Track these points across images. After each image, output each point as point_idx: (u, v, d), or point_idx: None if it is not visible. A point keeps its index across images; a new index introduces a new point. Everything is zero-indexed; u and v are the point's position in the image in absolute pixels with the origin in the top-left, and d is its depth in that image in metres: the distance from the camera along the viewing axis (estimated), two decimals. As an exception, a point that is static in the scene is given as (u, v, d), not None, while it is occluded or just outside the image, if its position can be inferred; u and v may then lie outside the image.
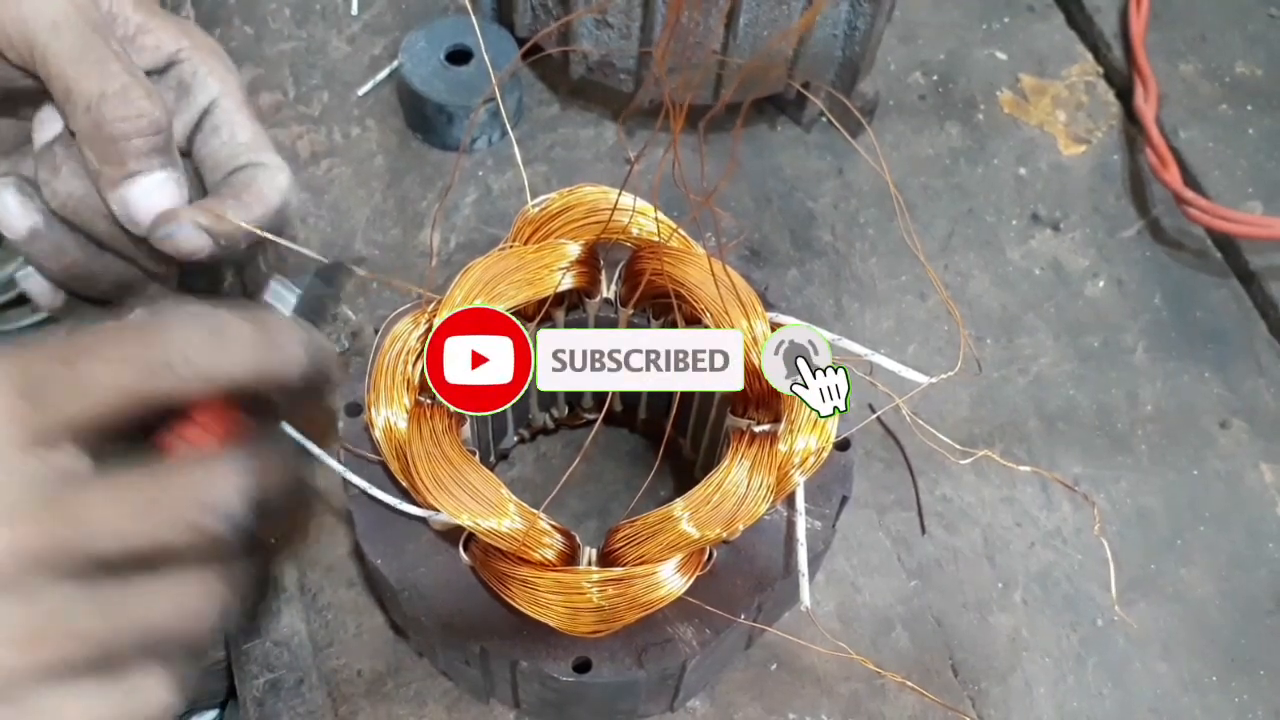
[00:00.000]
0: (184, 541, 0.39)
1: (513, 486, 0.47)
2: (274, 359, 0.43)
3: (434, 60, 0.70)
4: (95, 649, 0.38)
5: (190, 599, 0.40)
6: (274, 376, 0.43)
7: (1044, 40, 0.82)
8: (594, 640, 0.46)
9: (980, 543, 0.60)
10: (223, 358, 0.40)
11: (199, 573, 0.40)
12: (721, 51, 0.66)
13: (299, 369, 0.44)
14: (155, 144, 0.47)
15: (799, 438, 0.49)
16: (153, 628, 0.39)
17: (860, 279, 0.69)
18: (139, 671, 0.39)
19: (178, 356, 0.39)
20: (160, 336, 0.39)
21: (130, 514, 0.38)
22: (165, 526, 0.39)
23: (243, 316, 0.42)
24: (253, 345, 0.42)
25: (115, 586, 0.38)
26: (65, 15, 0.46)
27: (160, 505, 0.39)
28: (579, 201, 0.52)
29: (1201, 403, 0.67)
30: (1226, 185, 0.74)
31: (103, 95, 0.45)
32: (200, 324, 0.40)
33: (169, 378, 0.39)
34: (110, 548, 0.38)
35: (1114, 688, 0.57)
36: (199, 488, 0.39)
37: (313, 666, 0.54)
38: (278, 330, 0.43)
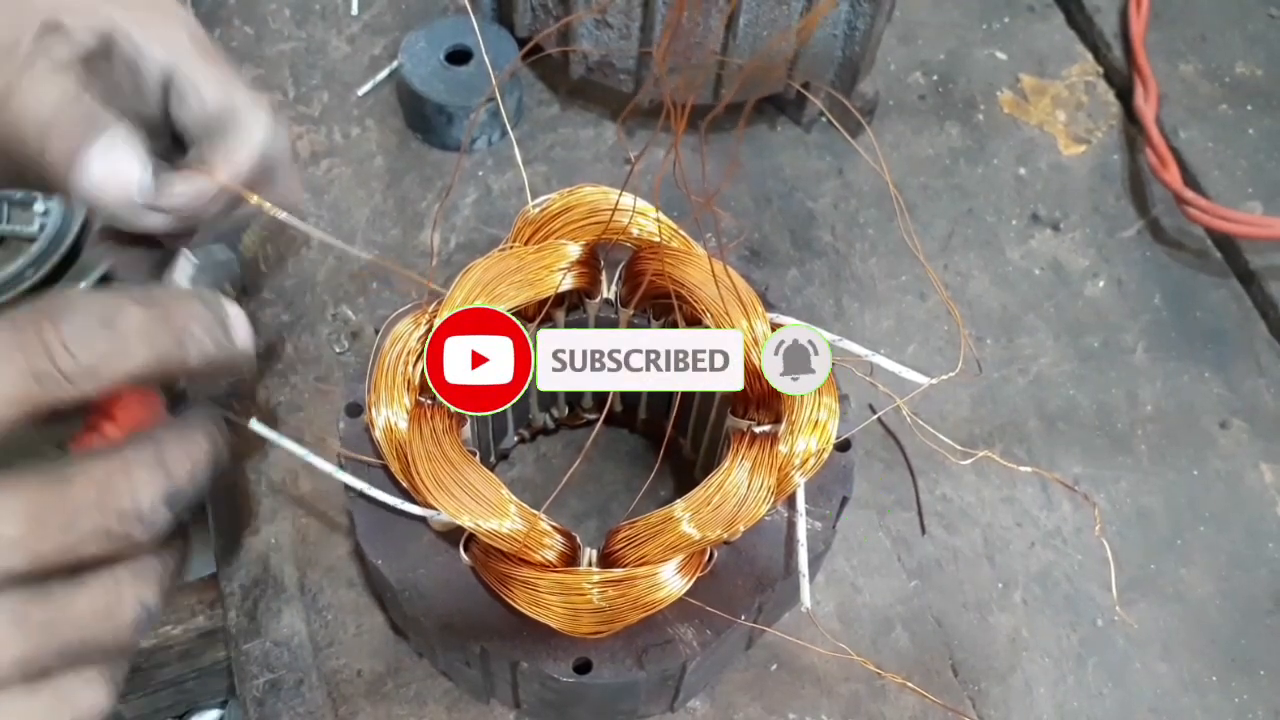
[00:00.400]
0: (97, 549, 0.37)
1: (513, 487, 0.47)
2: (173, 346, 0.40)
3: (434, 60, 0.70)
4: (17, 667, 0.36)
5: (110, 602, 0.38)
6: (175, 364, 0.40)
7: (1044, 40, 0.82)
8: (594, 641, 0.46)
9: (980, 543, 0.61)
10: (118, 355, 0.38)
11: (115, 574, 0.38)
12: (721, 51, 0.66)
13: (200, 352, 0.41)
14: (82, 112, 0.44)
15: (799, 439, 0.49)
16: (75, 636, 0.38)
17: (860, 279, 0.69)
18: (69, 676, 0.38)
19: (68, 361, 0.36)
20: (48, 338, 0.36)
21: (36, 527, 0.36)
22: (75, 537, 0.37)
23: (136, 300, 0.39)
24: (148, 335, 0.39)
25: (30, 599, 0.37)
26: None
27: (67, 515, 0.37)
28: (579, 202, 0.52)
29: (1201, 403, 0.67)
30: (1226, 185, 0.74)
31: None
32: (91, 318, 0.37)
33: (62, 385, 0.37)
34: (18, 565, 0.36)
35: (1114, 688, 0.57)
36: (114, 496, 0.37)
37: (313, 666, 0.54)
38: (177, 312, 0.40)
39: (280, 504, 0.59)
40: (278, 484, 0.59)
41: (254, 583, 0.57)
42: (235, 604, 0.56)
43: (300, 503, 0.59)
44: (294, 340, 0.64)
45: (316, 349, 0.64)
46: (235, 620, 0.56)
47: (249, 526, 0.58)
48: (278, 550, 0.57)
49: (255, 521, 0.58)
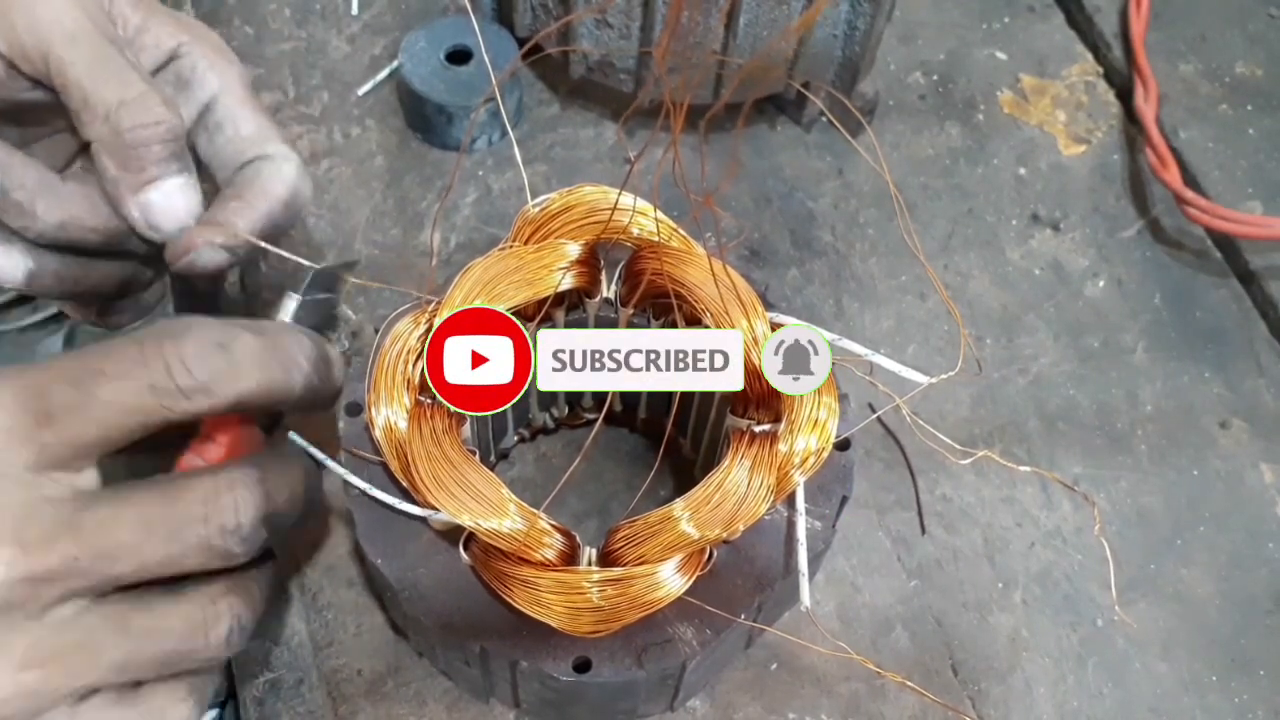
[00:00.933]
0: (198, 561, 0.40)
1: (513, 486, 0.47)
2: (281, 374, 0.43)
3: (434, 60, 0.70)
4: (114, 671, 0.38)
5: (205, 617, 0.40)
6: (282, 391, 0.43)
7: (1044, 40, 0.82)
8: (594, 640, 0.46)
9: (980, 543, 0.60)
10: (231, 376, 0.41)
11: (212, 589, 0.41)
12: (721, 51, 0.66)
13: (305, 382, 0.44)
14: (173, 150, 0.47)
15: (799, 438, 0.49)
16: (171, 647, 0.39)
17: (860, 279, 0.69)
18: (158, 689, 0.40)
19: (186, 378, 0.39)
20: (169, 357, 0.39)
21: (145, 536, 0.38)
22: (179, 547, 0.39)
23: (250, 330, 0.42)
24: (260, 361, 0.42)
25: (133, 607, 0.39)
26: (81, 26, 0.46)
27: (174, 526, 0.39)
28: (579, 201, 0.52)
29: (1201, 403, 0.67)
30: (1226, 185, 0.74)
31: (122, 103, 0.46)
32: (208, 341, 0.40)
33: (178, 399, 0.39)
34: (126, 571, 0.38)
35: (1114, 688, 0.57)
36: (211, 507, 0.40)
37: (313, 666, 0.54)
38: (285, 344, 0.44)
39: (280, 504, 0.59)
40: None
41: (254, 582, 0.57)
42: (235, 603, 0.56)
43: (300, 502, 0.59)
44: (294, 340, 0.64)
45: (316, 349, 0.64)
46: (235, 620, 0.56)
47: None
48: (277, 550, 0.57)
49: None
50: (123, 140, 0.46)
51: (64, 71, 0.46)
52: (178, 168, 0.48)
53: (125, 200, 0.47)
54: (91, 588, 0.38)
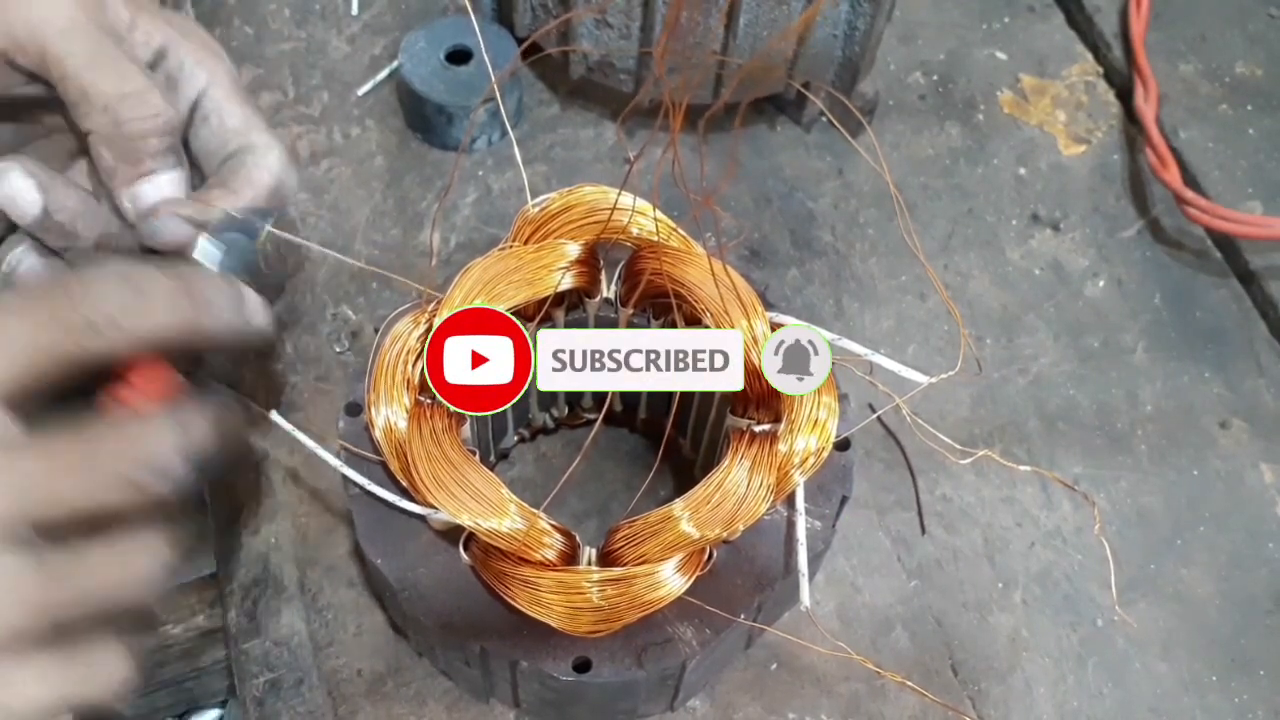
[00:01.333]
0: (124, 501, 0.39)
1: (513, 486, 0.47)
2: (199, 315, 0.42)
3: (434, 60, 0.70)
4: (45, 620, 0.38)
5: (136, 562, 0.40)
6: (201, 333, 0.43)
7: (1044, 40, 0.82)
8: (594, 640, 0.46)
9: (980, 543, 0.60)
10: (145, 314, 0.40)
11: (142, 534, 0.40)
12: (721, 51, 0.66)
13: (227, 325, 0.44)
14: (169, 143, 0.48)
15: (799, 438, 0.49)
16: (101, 594, 0.39)
17: (860, 279, 0.69)
18: (94, 643, 0.39)
19: (98, 314, 0.39)
20: (79, 294, 0.39)
21: (67, 476, 0.38)
22: (104, 487, 0.38)
23: (165, 272, 0.42)
24: (176, 301, 0.41)
25: (60, 554, 0.38)
26: (75, 20, 0.46)
27: (97, 465, 0.38)
28: (579, 201, 0.52)
29: (1201, 403, 0.67)
30: (1226, 185, 0.74)
31: (121, 95, 0.46)
32: (121, 280, 0.40)
33: (90, 336, 0.39)
34: (49, 513, 0.38)
35: (1114, 688, 0.57)
36: (135, 445, 0.39)
37: (313, 666, 0.54)
38: (202, 286, 0.43)
39: (280, 504, 0.59)
40: (277, 484, 0.59)
41: (254, 582, 0.57)
42: (235, 604, 0.56)
43: (300, 503, 0.59)
44: (294, 340, 0.64)
45: (316, 349, 0.64)
46: (235, 620, 0.56)
47: (249, 526, 0.58)
48: (278, 550, 0.57)
49: (255, 521, 0.58)
50: (121, 132, 0.46)
51: (61, 64, 0.46)
52: (173, 161, 0.48)
53: (119, 191, 0.48)
54: (13, 532, 0.37)
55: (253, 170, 0.50)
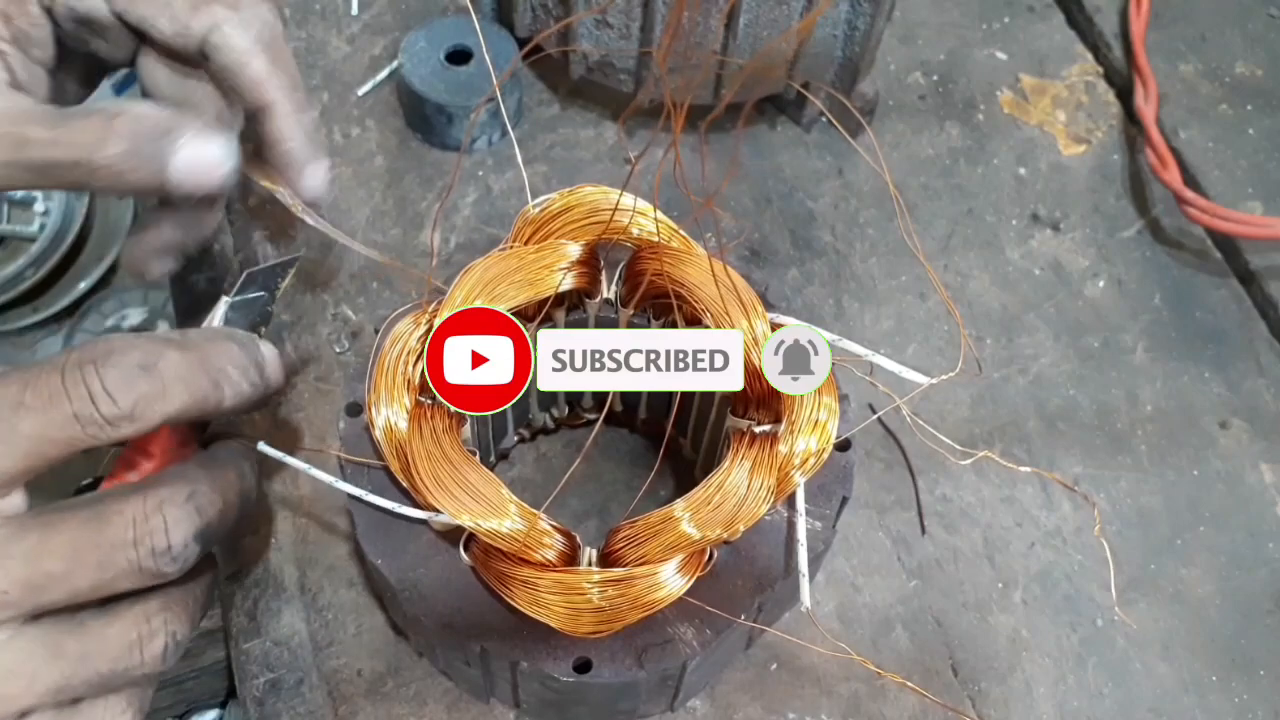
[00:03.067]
0: (130, 584, 0.39)
1: (513, 486, 0.47)
2: (209, 388, 0.41)
3: (434, 60, 0.70)
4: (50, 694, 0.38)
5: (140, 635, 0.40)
6: (210, 405, 0.42)
7: (1044, 40, 0.82)
8: (594, 640, 0.46)
9: (980, 543, 0.61)
10: (156, 399, 0.39)
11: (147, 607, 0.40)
12: (721, 52, 0.66)
13: (234, 392, 0.43)
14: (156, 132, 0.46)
15: (799, 438, 0.49)
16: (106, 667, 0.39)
17: (860, 279, 0.69)
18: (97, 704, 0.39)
19: (110, 407, 0.38)
20: (91, 385, 0.38)
21: (74, 564, 0.37)
22: (110, 573, 0.38)
23: (175, 346, 0.41)
24: (186, 379, 0.40)
25: (66, 630, 0.38)
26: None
27: (103, 552, 0.38)
28: (579, 202, 0.52)
29: (1201, 403, 0.67)
30: (1226, 185, 0.74)
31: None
32: (130, 365, 0.39)
33: (103, 428, 0.38)
34: (56, 599, 0.37)
35: (1114, 688, 0.57)
36: (140, 530, 0.38)
37: (313, 666, 0.54)
38: (211, 355, 0.42)
39: (280, 504, 0.59)
40: (278, 484, 0.59)
41: (254, 583, 0.57)
42: (235, 604, 0.56)
43: (300, 503, 0.59)
44: (294, 340, 0.64)
45: (316, 349, 0.64)
46: (235, 620, 0.56)
47: (249, 526, 0.58)
48: (278, 550, 0.57)
49: (255, 521, 0.58)
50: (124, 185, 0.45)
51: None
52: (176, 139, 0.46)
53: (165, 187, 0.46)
54: (22, 615, 0.37)
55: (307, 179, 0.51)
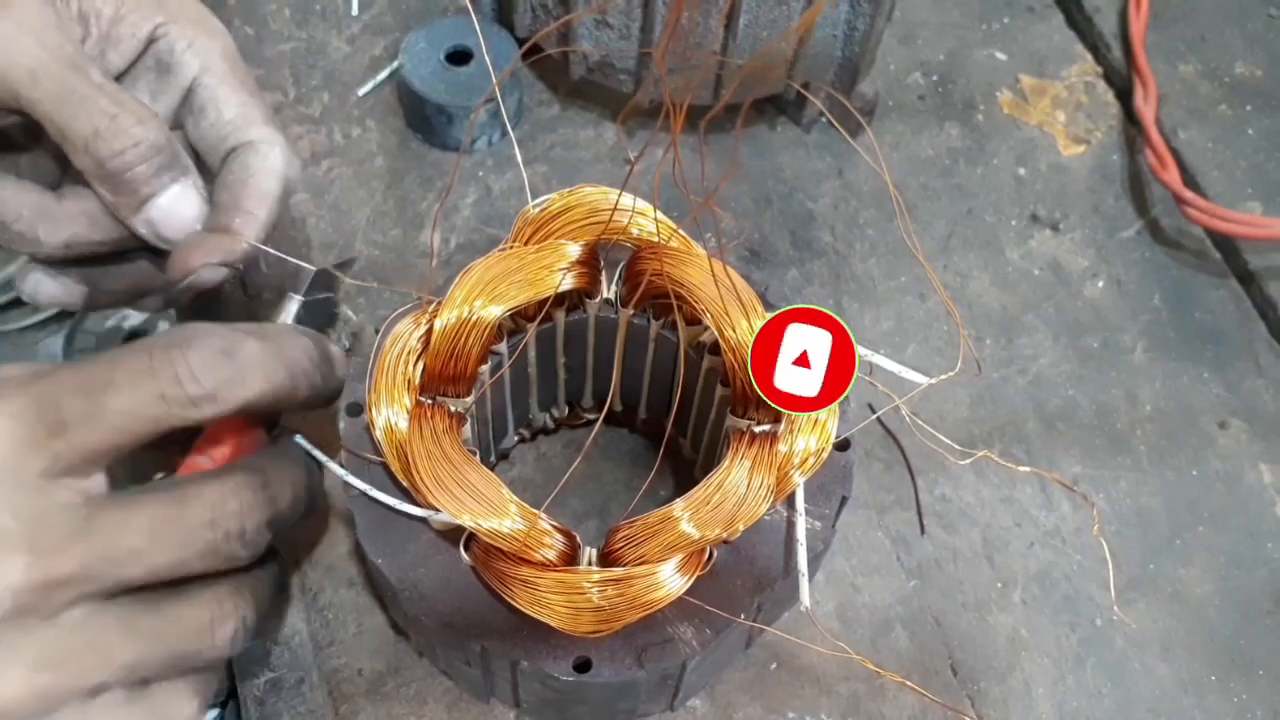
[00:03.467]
0: (205, 565, 0.40)
1: (513, 486, 0.47)
2: (285, 378, 0.43)
3: (434, 61, 0.70)
4: (124, 671, 0.39)
5: (212, 618, 0.41)
6: (286, 394, 0.43)
7: (1044, 40, 0.82)
8: (594, 640, 0.46)
9: (980, 543, 0.61)
10: (237, 383, 0.41)
11: (219, 591, 0.41)
12: (721, 52, 0.66)
13: (308, 384, 0.45)
14: (160, 162, 0.47)
15: (799, 438, 0.49)
16: (178, 647, 0.40)
17: (860, 279, 0.69)
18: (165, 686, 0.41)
19: (199, 390, 0.40)
20: (178, 366, 0.40)
21: (153, 542, 0.39)
22: (187, 553, 0.40)
23: (254, 336, 0.42)
24: (265, 366, 0.42)
25: (142, 609, 0.39)
26: (39, 62, 0.45)
27: (181, 533, 0.39)
28: (579, 202, 0.52)
29: (1201, 403, 0.67)
30: (1226, 185, 0.74)
31: (95, 134, 0.46)
32: (221, 355, 0.41)
33: (187, 408, 0.40)
34: (135, 575, 0.39)
35: (1113, 688, 0.57)
36: (217, 513, 0.40)
37: (313, 666, 0.54)
38: (288, 347, 0.44)
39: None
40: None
41: (254, 582, 0.57)
42: (235, 603, 0.56)
43: (300, 502, 0.59)
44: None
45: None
46: (235, 620, 0.56)
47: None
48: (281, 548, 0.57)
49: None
50: (105, 170, 0.46)
51: (34, 109, 0.46)
52: (170, 177, 0.48)
53: (130, 221, 0.48)
54: (102, 591, 0.38)
55: (260, 180, 0.50)
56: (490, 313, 0.49)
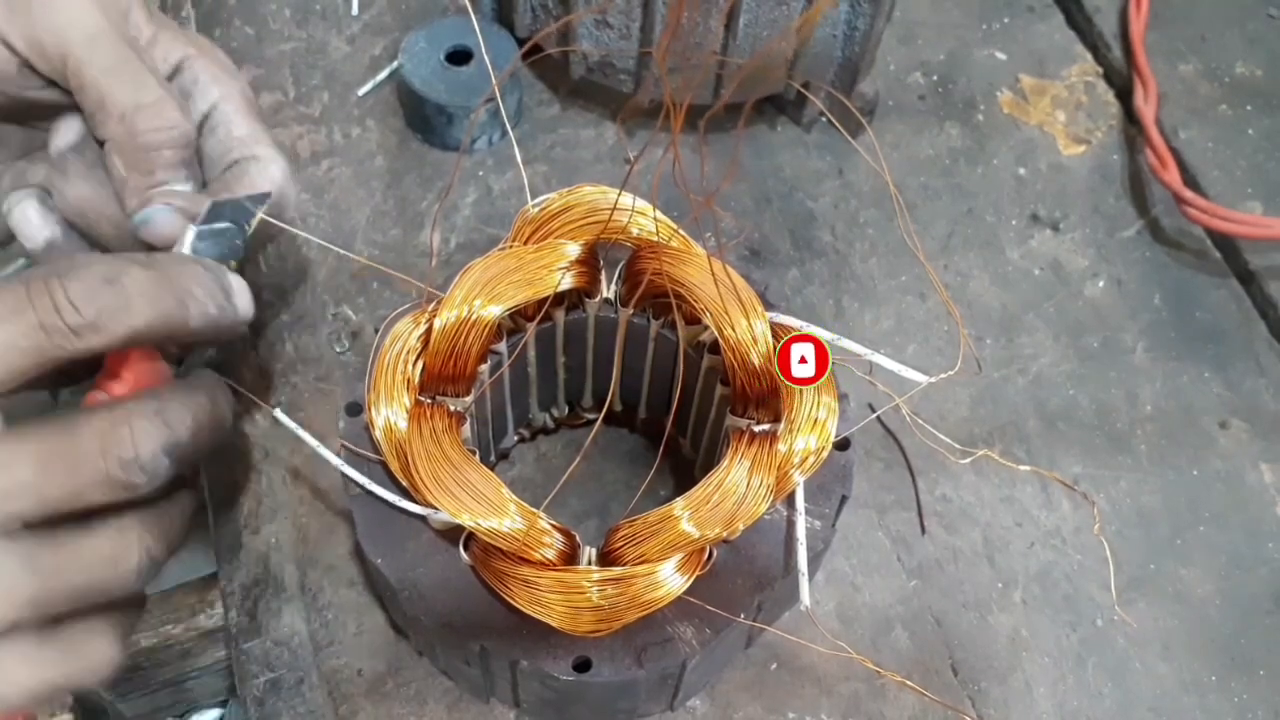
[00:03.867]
0: (101, 495, 0.40)
1: (513, 486, 0.47)
2: (181, 310, 0.43)
3: (434, 60, 0.70)
4: (27, 608, 0.38)
5: (115, 550, 0.40)
6: (177, 323, 0.43)
7: (1044, 40, 0.82)
8: (594, 640, 0.46)
9: (980, 542, 0.61)
10: (121, 311, 0.40)
11: (121, 521, 0.41)
12: (721, 52, 0.66)
13: (200, 312, 0.44)
14: (183, 156, 0.48)
15: (799, 437, 0.49)
16: (90, 586, 0.39)
17: (860, 279, 0.69)
18: (80, 626, 0.40)
19: (79, 318, 0.39)
20: (55, 295, 0.39)
21: (43, 473, 0.38)
22: (79, 481, 0.39)
23: (139, 264, 0.42)
24: (157, 297, 0.41)
25: (39, 543, 0.39)
26: (101, 29, 0.47)
27: (71, 461, 0.39)
28: (579, 201, 0.52)
29: (1201, 403, 0.67)
30: (1226, 185, 0.74)
31: (138, 106, 0.47)
32: (101, 281, 0.40)
33: (72, 339, 0.39)
34: (27, 508, 0.38)
35: (1114, 687, 0.57)
36: (107, 440, 0.39)
37: (313, 666, 0.54)
38: (177, 275, 0.43)
39: (280, 504, 0.59)
40: (277, 484, 0.59)
41: (254, 582, 0.57)
42: (235, 603, 0.56)
43: (300, 503, 0.59)
44: (294, 340, 0.64)
45: (317, 349, 0.64)
46: (235, 620, 0.56)
47: (249, 526, 0.58)
48: (278, 550, 0.58)
49: (255, 521, 0.58)
50: (136, 142, 0.47)
51: (81, 71, 0.46)
52: (184, 175, 0.49)
53: (129, 200, 0.48)
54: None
55: (255, 177, 0.51)
56: (490, 312, 0.49)
